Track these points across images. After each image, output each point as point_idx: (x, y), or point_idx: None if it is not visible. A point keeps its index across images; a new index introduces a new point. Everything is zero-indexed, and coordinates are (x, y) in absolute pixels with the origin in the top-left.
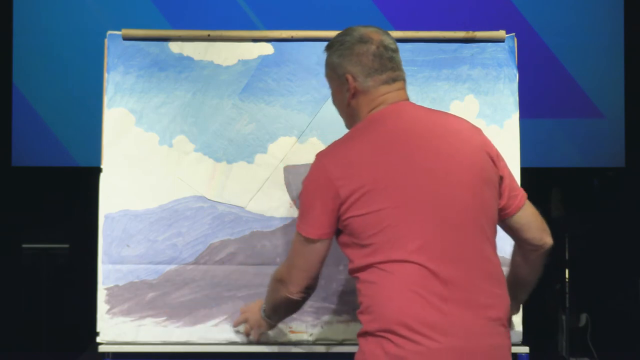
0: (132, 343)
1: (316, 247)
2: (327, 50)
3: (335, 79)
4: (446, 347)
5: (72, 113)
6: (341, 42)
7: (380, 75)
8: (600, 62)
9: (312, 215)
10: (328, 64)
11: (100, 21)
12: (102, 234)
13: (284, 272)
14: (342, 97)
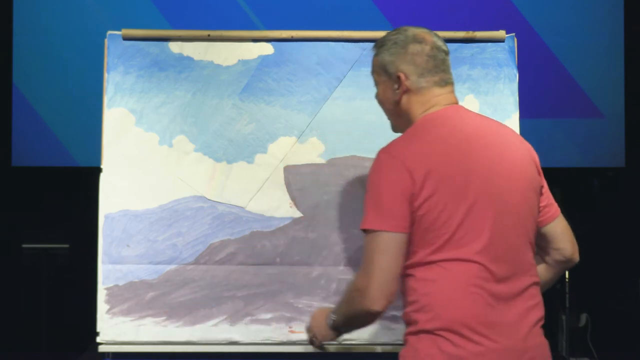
0: (132, 343)
1: (398, 242)
2: (377, 48)
3: (385, 77)
4: (503, 348)
5: (72, 113)
6: (394, 41)
7: (432, 77)
8: (600, 62)
9: (389, 207)
10: (377, 62)
11: (100, 21)
12: (102, 234)
13: (362, 280)
14: (391, 94)
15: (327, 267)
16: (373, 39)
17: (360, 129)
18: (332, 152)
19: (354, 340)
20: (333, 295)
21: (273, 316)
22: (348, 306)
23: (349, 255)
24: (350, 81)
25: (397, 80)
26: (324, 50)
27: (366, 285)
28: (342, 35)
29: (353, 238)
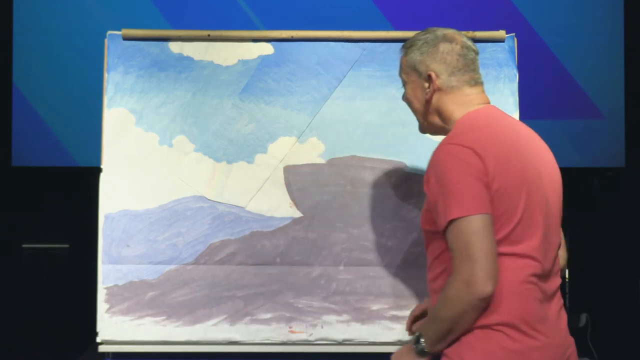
0: (131, 342)
1: (488, 222)
2: (407, 48)
3: (414, 76)
4: (555, 343)
5: (72, 113)
6: (425, 41)
7: (463, 75)
8: (600, 62)
9: (472, 192)
10: (407, 61)
11: (100, 21)
12: (102, 234)
13: (465, 269)
14: (421, 94)
15: (327, 267)
16: (373, 39)
17: (360, 129)
18: (332, 152)
19: (354, 340)
20: (333, 295)
21: (273, 316)
22: (453, 306)
23: (349, 255)
24: (350, 81)
25: (427, 79)
26: (324, 50)
27: (472, 272)
28: (342, 35)
29: (353, 238)
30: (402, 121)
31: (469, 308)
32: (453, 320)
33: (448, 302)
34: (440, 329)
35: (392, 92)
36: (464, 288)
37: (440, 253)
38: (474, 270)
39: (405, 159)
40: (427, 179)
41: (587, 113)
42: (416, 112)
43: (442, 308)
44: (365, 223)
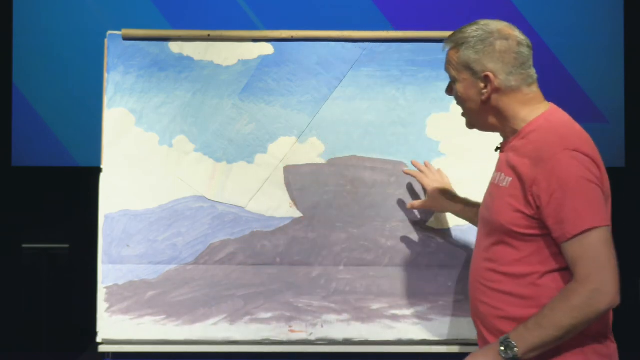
0: (131, 341)
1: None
2: (457, 44)
3: (467, 75)
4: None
5: (72, 113)
6: (479, 38)
7: (520, 74)
8: (600, 62)
9: (601, 202)
10: (459, 58)
11: (100, 21)
12: (102, 234)
13: (599, 278)
14: (474, 93)
15: (327, 267)
16: (373, 39)
17: (360, 129)
18: (332, 152)
19: (354, 340)
20: (333, 295)
21: (273, 315)
22: (578, 314)
23: (349, 255)
24: (350, 81)
25: (484, 80)
26: (324, 50)
27: (605, 282)
28: (342, 35)
29: (353, 238)
30: (402, 121)
31: (594, 317)
32: (571, 329)
33: (572, 310)
34: (549, 336)
35: (392, 92)
36: (596, 297)
37: (527, 256)
38: (607, 280)
39: (405, 159)
40: (536, 180)
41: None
42: (469, 111)
43: (561, 316)
44: (365, 223)
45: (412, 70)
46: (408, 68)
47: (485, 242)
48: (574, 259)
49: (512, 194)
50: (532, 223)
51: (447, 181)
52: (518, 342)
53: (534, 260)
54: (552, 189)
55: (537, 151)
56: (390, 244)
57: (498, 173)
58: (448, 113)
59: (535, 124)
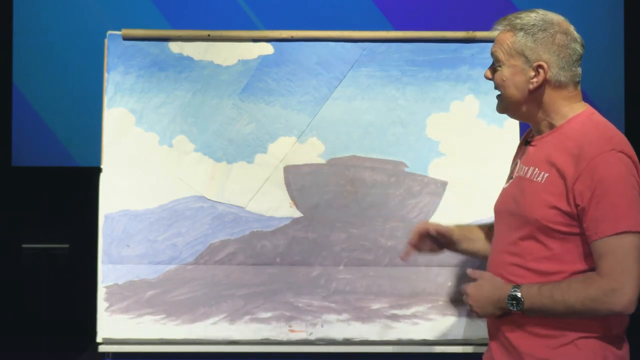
0: (130, 341)
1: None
2: (516, 29)
3: (519, 61)
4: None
5: (72, 113)
6: (540, 27)
7: (571, 72)
8: (600, 62)
9: (635, 208)
10: (514, 43)
11: (100, 21)
12: (102, 234)
13: (621, 282)
14: (521, 80)
15: (327, 267)
16: (373, 39)
17: (360, 129)
18: (332, 152)
19: (354, 339)
20: (333, 295)
21: (273, 315)
22: (589, 305)
23: (349, 255)
24: (350, 81)
25: (536, 69)
26: (324, 50)
27: (626, 286)
28: (342, 35)
29: (353, 238)
30: (402, 121)
31: (604, 313)
32: (577, 314)
33: (586, 299)
34: (555, 310)
35: (392, 92)
36: (612, 296)
37: (558, 254)
38: (628, 284)
39: (405, 159)
40: (580, 178)
41: None
42: (509, 98)
43: (575, 299)
44: (365, 223)
45: (412, 70)
46: (408, 68)
47: (511, 236)
48: (601, 255)
49: (549, 190)
50: (567, 220)
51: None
52: (526, 300)
53: (563, 258)
54: (594, 186)
55: (580, 149)
56: (390, 244)
57: (530, 167)
58: (448, 113)
59: (575, 122)
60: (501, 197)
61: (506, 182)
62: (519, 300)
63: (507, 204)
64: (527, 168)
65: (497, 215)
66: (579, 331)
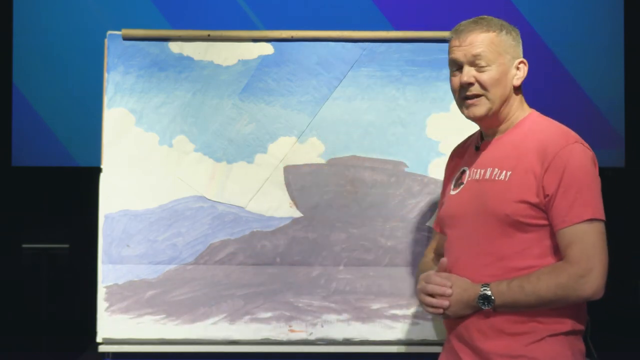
0: (130, 341)
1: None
2: (497, 29)
3: (505, 59)
4: None
5: (72, 113)
6: (512, 28)
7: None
8: (600, 62)
9: (601, 198)
10: (500, 42)
11: (100, 21)
12: (102, 234)
13: (586, 267)
14: (508, 78)
15: (327, 267)
16: (373, 39)
17: (360, 129)
18: (332, 152)
19: (354, 339)
20: (333, 295)
21: (273, 315)
22: (559, 292)
23: (349, 255)
24: (350, 81)
25: (518, 66)
26: (324, 50)
27: (594, 270)
28: (342, 35)
29: (353, 238)
30: (402, 121)
31: (574, 300)
32: (549, 303)
33: (557, 287)
34: (526, 302)
35: (392, 92)
36: (580, 281)
37: (527, 248)
38: (597, 269)
39: (405, 159)
40: (549, 169)
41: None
42: (499, 97)
43: (546, 289)
44: (365, 223)
45: (412, 70)
46: (408, 68)
47: (481, 237)
48: (569, 243)
49: (515, 186)
50: (536, 213)
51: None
52: (497, 298)
53: (534, 252)
54: (561, 176)
55: (544, 143)
56: (390, 244)
57: (487, 169)
58: (448, 113)
59: (529, 121)
60: (454, 203)
61: (452, 190)
62: (489, 298)
63: (467, 207)
64: (482, 171)
65: (455, 220)
66: (548, 328)
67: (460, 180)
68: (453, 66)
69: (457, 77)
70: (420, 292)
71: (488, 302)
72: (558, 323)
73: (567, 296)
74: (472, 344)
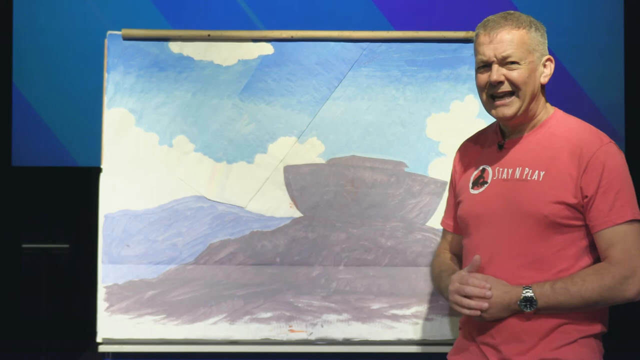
0: (130, 341)
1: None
2: (527, 26)
3: (534, 57)
4: None
5: (72, 113)
6: (542, 27)
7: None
8: (600, 62)
9: (635, 198)
10: (530, 39)
11: (100, 21)
12: (102, 234)
13: (630, 265)
14: (537, 76)
15: (327, 267)
16: (373, 39)
17: (360, 129)
18: (332, 152)
19: (354, 339)
20: (333, 295)
21: (273, 315)
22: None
23: (349, 255)
24: (350, 81)
25: (545, 63)
26: (324, 50)
27: (635, 274)
28: (342, 35)
29: (353, 238)
30: (402, 121)
31: (619, 301)
32: (593, 305)
33: (603, 289)
34: (571, 304)
35: (392, 92)
36: (624, 282)
37: (564, 248)
38: (638, 270)
39: (405, 159)
40: (587, 170)
41: (587, 113)
42: (527, 95)
43: (592, 291)
44: (365, 223)
45: (412, 70)
46: (408, 68)
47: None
48: (611, 244)
49: (551, 186)
50: (573, 214)
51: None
52: (540, 300)
53: (570, 253)
54: (600, 177)
55: (577, 144)
56: (390, 244)
57: (516, 168)
58: (448, 113)
59: (555, 120)
60: (479, 203)
61: (471, 189)
62: (532, 301)
63: (497, 207)
64: (510, 170)
65: (483, 220)
66: (580, 329)
67: (482, 179)
68: (480, 63)
69: (485, 75)
70: (454, 293)
71: (531, 304)
72: (589, 325)
73: (612, 297)
74: (501, 347)
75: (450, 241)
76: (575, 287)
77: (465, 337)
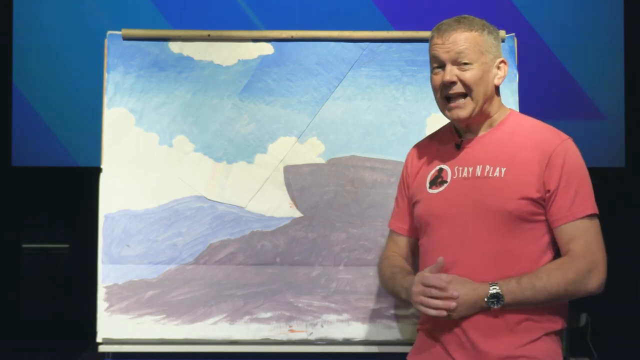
0: (130, 341)
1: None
2: (479, 28)
3: (487, 58)
4: None
5: (72, 113)
6: (496, 30)
7: None
8: (600, 62)
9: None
10: (483, 41)
11: (100, 21)
12: (102, 234)
13: (594, 264)
14: (490, 78)
15: (327, 267)
16: (373, 39)
17: (360, 129)
18: (332, 152)
19: (354, 339)
20: (333, 295)
21: (273, 315)
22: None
23: (349, 255)
24: (350, 81)
25: (499, 65)
26: (324, 50)
27: (598, 265)
28: (342, 35)
29: (353, 238)
30: (402, 121)
31: (582, 294)
32: (557, 299)
33: (567, 283)
34: (536, 299)
35: (392, 92)
36: (587, 276)
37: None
38: (600, 263)
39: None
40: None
41: (587, 113)
42: (482, 96)
43: (556, 285)
44: (365, 223)
45: (412, 70)
46: (408, 68)
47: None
48: (572, 238)
49: (513, 182)
50: (537, 209)
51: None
52: (507, 296)
53: (534, 248)
54: (561, 173)
55: (537, 141)
56: None
57: (476, 166)
58: None
59: (512, 119)
60: (439, 202)
61: (429, 189)
62: (499, 297)
63: (459, 206)
64: (471, 168)
65: (444, 220)
66: (543, 327)
67: (441, 179)
68: (434, 64)
69: (439, 76)
70: (418, 294)
71: (498, 301)
72: (551, 322)
73: (575, 291)
74: (468, 344)
75: (400, 244)
76: (540, 282)
77: (428, 337)
